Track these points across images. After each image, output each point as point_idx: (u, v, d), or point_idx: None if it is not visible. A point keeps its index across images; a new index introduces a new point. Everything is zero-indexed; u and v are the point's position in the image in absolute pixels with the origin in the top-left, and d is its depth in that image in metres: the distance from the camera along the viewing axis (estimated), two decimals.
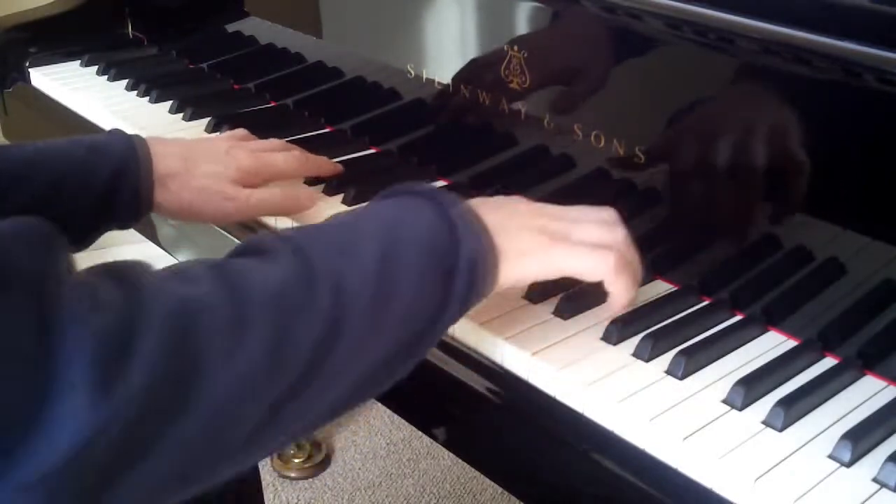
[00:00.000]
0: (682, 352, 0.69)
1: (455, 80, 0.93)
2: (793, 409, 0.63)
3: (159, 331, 0.47)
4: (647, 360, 0.69)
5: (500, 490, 1.23)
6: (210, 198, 0.83)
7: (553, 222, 0.67)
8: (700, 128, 0.77)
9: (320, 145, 1.03)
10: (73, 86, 1.24)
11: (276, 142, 0.94)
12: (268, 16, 1.18)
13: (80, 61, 1.32)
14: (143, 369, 0.46)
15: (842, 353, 0.70)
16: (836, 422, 0.64)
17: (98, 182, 0.79)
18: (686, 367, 0.67)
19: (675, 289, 0.78)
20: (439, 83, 0.95)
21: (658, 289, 0.78)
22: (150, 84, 1.21)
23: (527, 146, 0.90)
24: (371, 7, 1.03)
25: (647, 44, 0.78)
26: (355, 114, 1.09)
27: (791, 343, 0.72)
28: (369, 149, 1.06)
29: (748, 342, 0.72)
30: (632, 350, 0.70)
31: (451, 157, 0.98)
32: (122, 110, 1.16)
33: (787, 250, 0.73)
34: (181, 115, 1.14)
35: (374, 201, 0.66)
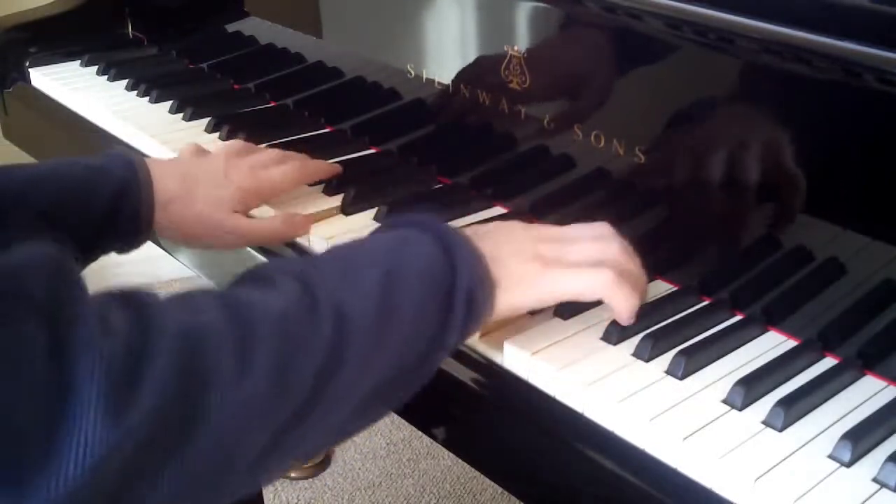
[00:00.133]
0: (682, 352, 0.69)
1: (455, 81, 0.93)
2: (793, 409, 0.63)
3: (168, 355, 0.47)
4: (647, 360, 0.69)
5: (500, 490, 1.23)
6: (209, 226, 0.84)
7: (547, 246, 0.68)
8: (700, 128, 0.77)
9: (320, 145, 1.03)
10: (73, 86, 1.24)
11: (274, 152, 0.94)
12: (268, 16, 1.18)
13: (80, 61, 1.32)
14: (154, 393, 0.46)
15: (842, 353, 0.70)
16: (836, 422, 0.64)
17: (99, 203, 0.79)
18: (686, 367, 0.67)
19: (675, 289, 0.78)
20: (439, 83, 0.95)
21: (658, 289, 0.78)
22: (150, 84, 1.21)
23: (527, 146, 0.90)
24: (371, 7, 1.03)
25: (647, 44, 0.78)
26: (355, 114, 1.09)
27: (791, 343, 0.72)
28: (369, 149, 1.06)
29: (748, 342, 0.72)
30: (632, 350, 0.70)
31: (451, 157, 0.98)
32: (122, 110, 1.16)
33: (787, 250, 0.73)
34: (181, 115, 1.14)
35: (374, 232, 0.68)
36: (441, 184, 0.97)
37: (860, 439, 0.60)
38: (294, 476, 1.66)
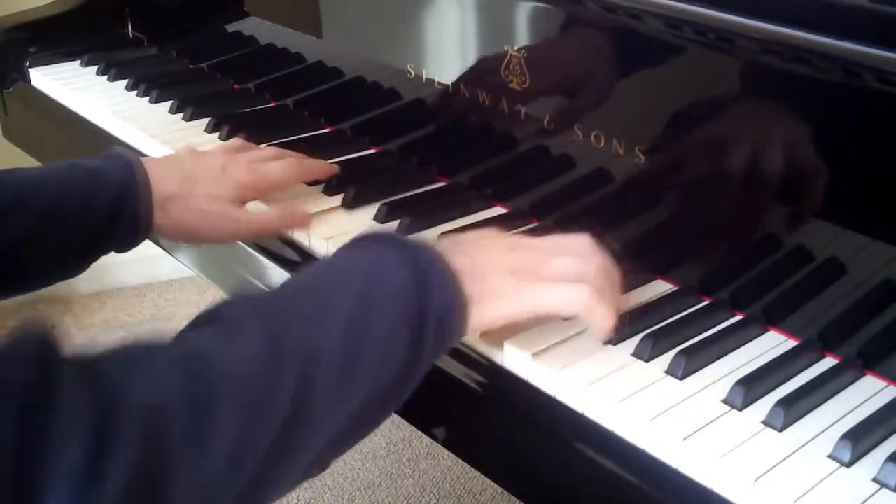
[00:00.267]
0: (682, 352, 0.69)
1: (455, 81, 0.93)
2: (793, 409, 0.63)
3: (129, 447, 0.46)
4: (647, 360, 0.69)
5: (500, 490, 1.22)
6: (209, 220, 0.84)
7: (525, 260, 0.67)
8: (700, 128, 0.77)
9: (320, 145, 1.03)
10: (73, 86, 1.24)
11: (272, 150, 0.94)
12: (268, 16, 1.18)
13: (80, 61, 1.32)
14: (118, 486, 0.45)
15: (842, 353, 0.70)
16: (836, 422, 0.64)
17: (98, 205, 0.79)
18: (686, 367, 0.67)
19: (675, 289, 0.78)
20: (439, 83, 0.95)
21: (658, 289, 0.78)
22: (150, 84, 1.21)
23: (527, 146, 0.90)
24: (371, 7, 1.03)
25: (647, 44, 0.78)
26: (355, 114, 1.09)
27: (791, 343, 0.72)
28: (369, 149, 1.06)
29: (748, 342, 0.72)
30: (632, 350, 0.70)
31: (450, 157, 0.98)
32: (122, 110, 1.16)
33: (787, 250, 0.73)
34: (181, 115, 1.14)
35: (345, 250, 0.66)
36: (441, 184, 0.97)
37: (860, 439, 0.60)
38: None
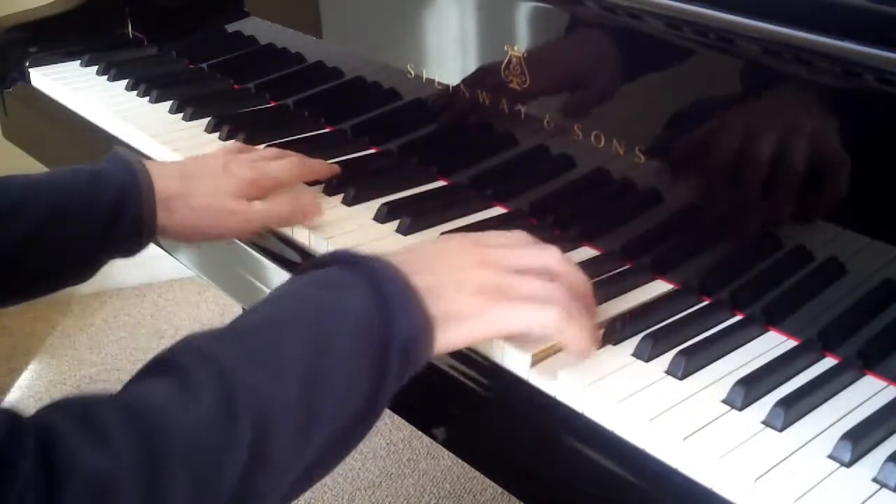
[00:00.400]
0: (682, 352, 0.69)
1: (455, 81, 0.93)
2: (793, 409, 0.63)
3: None
4: (647, 360, 0.69)
5: (500, 490, 1.23)
6: (213, 216, 0.83)
7: (492, 276, 0.65)
8: (700, 128, 0.77)
9: (320, 145, 1.03)
10: (73, 86, 1.24)
11: (272, 150, 0.95)
12: (268, 16, 1.18)
13: (80, 61, 1.32)
14: None
15: (842, 353, 0.70)
16: (836, 422, 0.64)
17: (100, 209, 0.79)
18: (686, 367, 0.67)
19: (675, 289, 0.78)
20: (439, 83, 0.95)
21: (658, 289, 0.78)
22: (150, 84, 1.21)
23: (527, 146, 0.90)
24: (371, 7, 1.03)
25: (647, 44, 0.78)
26: (355, 114, 1.09)
27: (791, 343, 0.72)
28: (369, 149, 1.06)
29: (748, 342, 0.72)
30: (632, 350, 0.70)
31: (450, 157, 0.98)
32: (122, 110, 1.16)
33: (787, 250, 0.73)
34: (181, 115, 1.14)
35: (303, 277, 0.64)
36: (441, 183, 0.97)
37: (860, 439, 0.60)
38: None
